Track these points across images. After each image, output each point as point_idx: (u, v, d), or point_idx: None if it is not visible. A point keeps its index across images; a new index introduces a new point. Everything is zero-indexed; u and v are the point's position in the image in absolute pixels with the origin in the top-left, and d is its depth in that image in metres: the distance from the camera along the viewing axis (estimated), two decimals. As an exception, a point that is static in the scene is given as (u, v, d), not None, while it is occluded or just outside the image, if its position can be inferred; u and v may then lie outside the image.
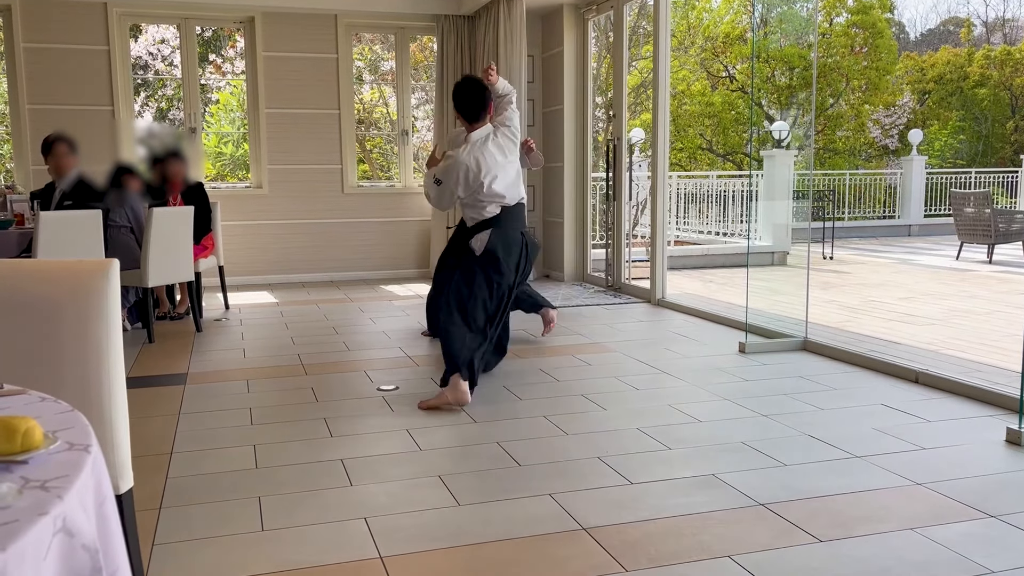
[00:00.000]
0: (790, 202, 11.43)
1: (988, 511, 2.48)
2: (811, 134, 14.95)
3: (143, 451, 3.08)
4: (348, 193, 8.02)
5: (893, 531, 2.35)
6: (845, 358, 4.49)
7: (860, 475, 2.79)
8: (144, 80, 12.49)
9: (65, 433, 1.09)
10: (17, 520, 0.84)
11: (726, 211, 12.00)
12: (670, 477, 2.79)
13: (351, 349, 4.95)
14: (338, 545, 2.29)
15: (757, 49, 16.39)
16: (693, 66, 19.28)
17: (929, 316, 6.26)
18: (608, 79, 14.55)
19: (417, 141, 8.82)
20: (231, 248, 7.39)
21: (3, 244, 5.10)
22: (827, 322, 5.73)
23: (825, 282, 8.31)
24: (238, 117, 12.19)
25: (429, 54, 11.91)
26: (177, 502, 2.62)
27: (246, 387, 4.06)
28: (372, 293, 7.20)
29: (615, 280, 7.23)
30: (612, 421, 3.45)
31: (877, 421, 3.39)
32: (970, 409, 3.55)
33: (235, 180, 12.05)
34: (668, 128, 6.53)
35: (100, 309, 1.66)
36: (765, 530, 2.37)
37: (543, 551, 2.25)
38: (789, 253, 9.93)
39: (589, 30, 7.65)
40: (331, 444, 3.18)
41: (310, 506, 2.57)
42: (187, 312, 5.98)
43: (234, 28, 9.10)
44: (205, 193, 6.03)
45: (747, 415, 3.51)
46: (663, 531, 2.37)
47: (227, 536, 2.36)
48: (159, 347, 5.04)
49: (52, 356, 1.65)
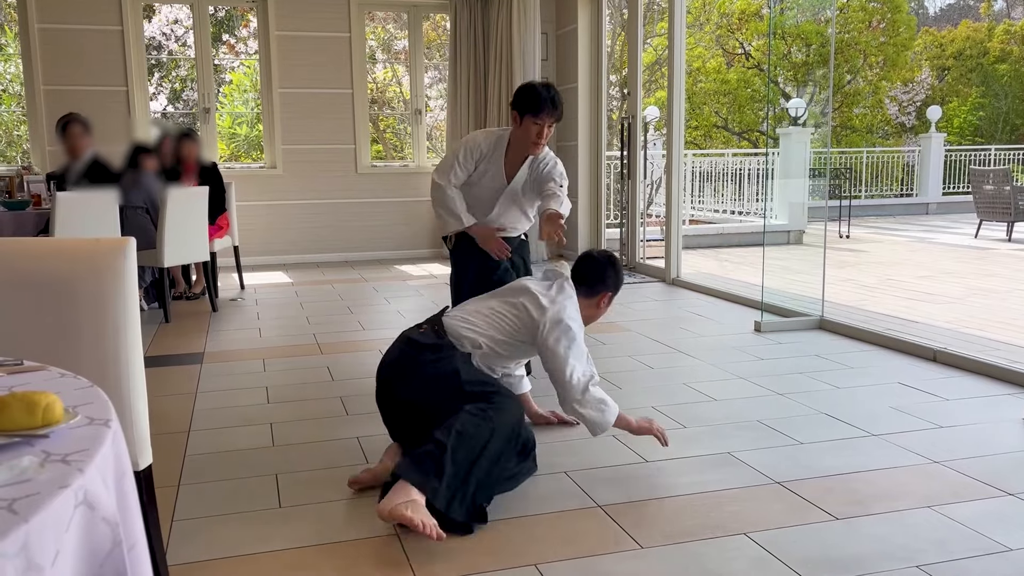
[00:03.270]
0: (806, 180, 11.33)
1: (1006, 489, 2.46)
2: (828, 111, 14.78)
3: (161, 429, 3.11)
4: (362, 173, 8.02)
5: (910, 509, 2.34)
6: (862, 336, 4.46)
7: (877, 453, 2.78)
8: (158, 61, 12.50)
9: (85, 408, 1.10)
10: (39, 492, 0.84)
11: (741, 190, 11.91)
12: (685, 455, 2.79)
13: (366, 328, 4.97)
14: (355, 522, 2.31)
15: (774, 25, 16.21)
16: (708, 43, 19.09)
17: (947, 295, 6.21)
18: (623, 57, 14.43)
19: (430, 120, 8.79)
20: (246, 228, 7.41)
21: (20, 224, 5.14)
22: (844, 301, 5.70)
23: (841, 261, 8.25)
24: (251, 98, 12.18)
25: (442, 33, 11.85)
26: (195, 479, 2.64)
27: (262, 366, 4.08)
28: (386, 273, 7.21)
29: (630, 259, 7.21)
30: (627, 400, 3.44)
31: (894, 399, 3.38)
32: (988, 388, 3.53)
33: (249, 160, 12.07)
34: (683, 106, 6.48)
35: (118, 287, 1.67)
36: (781, 508, 2.37)
37: (559, 528, 2.26)
38: (805, 232, 9.86)
39: (603, 7, 7.57)
40: (347, 422, 3.20)
41: (327, 484, 2.58)
42: (203, 292, 6.01)
43: (247, 8, 9.07)
44: (219, 173, 6.05)
45: (763, 393, 3.50)
46: (678, 508, 2.37)
47: (245, 513, 2.38)
48: (175, 327, 5.07)
49: (70, 334, 1.66)
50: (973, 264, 8.13)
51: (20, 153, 10.45)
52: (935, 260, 8.53)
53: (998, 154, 16.18)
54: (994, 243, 9.77)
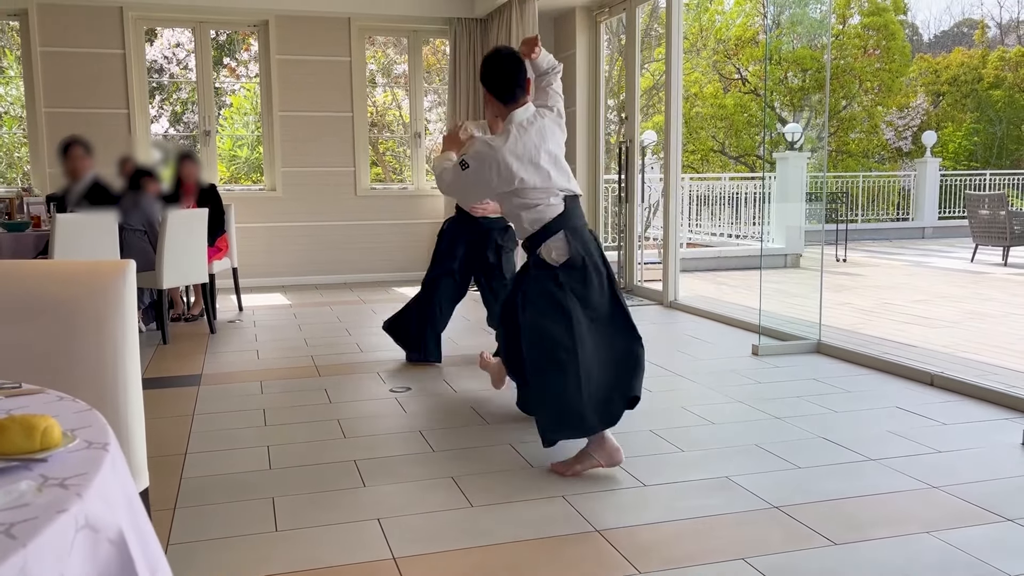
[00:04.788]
0: (803, 204, 11.37)
1: (1005, 515, 2.46)
2: (824, 136, 14.88)
3: (157, 452, 3.10)
4: (361, 196, 8.05)
5: (909, 534, 2.33)
6: (859, 360, 4.47)
7: (875, 478, 2.78)
8: (159, 83, 12.57)
9: (83, 432, 1.10)
10: (37, 517, 0.84)
11: (738, 213, 11.96)
12: (683, 479, 2.78)
13: (364, 351, 4.96)
14: (351, 546, 2.30)
15: (770, 51, 16.34)
16: (705, 68, 19.24)
17: (944, 319, 6.22)
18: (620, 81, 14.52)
19: (430, 144, 8.83)
20: (245, 250, 7.42)
21: (20, 246, 5.15)
22: (841, 324, 5.70)
23: (838, 284, 8.27)
24: (252, 120, 12.25)
25: (442, 57, 11.94)
26: (192, 502, 2.63)
27: (260, 388, 4.08)
28: (385, 295, 7.21)
29: (627, 282, 7.22)
30: (625, 423, 3.43)
31: (892, 424, 3.37)
32: (986, 412, 3.53)
33: (249, 183, 12.11)
34: (680, 130, 6.51)
35: (117, 309, 1.67)
36: (779, 533, 2.36)
37: (556, 553, 2.25)
38: (802, 255, 9.88)
39: (601, 32, 7.64)
40: (344, 445, 3.19)
41: (324, 507, 2.57)
42: (201, 314, 6.01)
43: (248, 32, 9.15)
44: (218, 194, 6.07)
45: (761, 417, 3.49)
46: (676, 533, 2.36)
47: (241, 536, 2.37)
48: (173, 348, 5.07)
49: (69, 356, 1.66)
50: (969, 288, 8.15)
51: (20, 175, 10.48)
52: (931, 284, 8.55)
53: (993, 179, 16.27)
54: (990, 267, 9.80)
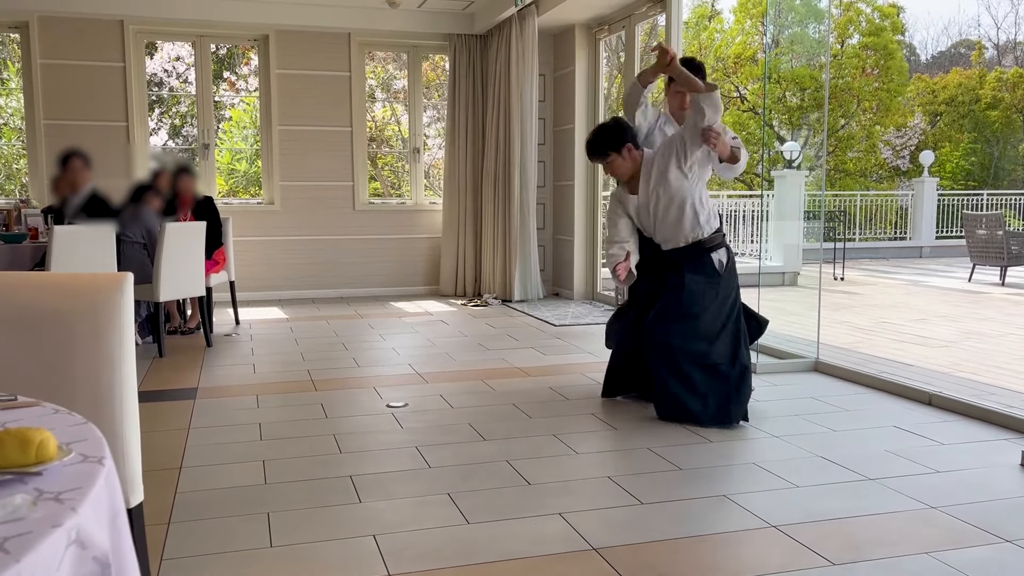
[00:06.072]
0: (801, 222, 11.40)
1: (1003, 535, 2.45)
2: (822, 155, 14.94)
3: (152, 466, 3.08)
4: (359, 210, 8.05)
5: (907, 555, 2.32)
6: (857, 379, 4.46)
7: (873, 497, 2.76)
8: (159, 97, 12.61)
9: (79, 445, 1.09)
10: (31, 532, 0.83)
11: (736, 231, 11.98)
12: (681, 498, 2.77)
13: (361, 365, 4.95)
14: (347, 562, 2.28)
15: (769, 70, 16.44)
16: (704, 86, 19.31)
17: (941, 338, 6.22)
18: (619, 98, 14.55)
19: (428, 159, 8.86)
20: (242, 264, 7.41)
21: (17, 257, 5.14)
22: (839, 343, 5.70)
23: (836, 303, 8.27)
24: (251, 134, 12.27)
25: (441, 73, 11.99)
26: (186, 517, 2.61)
27: (256, 402, 4.06)
28: (382, 310, 7.21)
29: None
30: (622, 441, 3.43)
31: (890, 443, 3.37)
32: (984, 432, 3.52)
33: (247, 196, 12.12)
34: (679, 148, 6.52)
35: (114, 322, 1.67)
36: (777, 552, 2.34)
37: (553, 571, 2.23)
38: (800, 274, 9.90)
39: (600, 50, 7.68)
40: (340, 460, 3.17)
41: (319, 523, 2.56)
42: (198, 327, 6.00)
43: (248, 46, 9.18)
44: (215, 207, 6.06)
45: (759, 436, 3.48)
46: (674, 552, 2.35)
47: (236, 552, 2.35)
48: (169, 361, 5.05)
49: (65, 368, 1.65)
50: (967, 308, 8.16)
51: (19, 186, 10.48)
52: (929, 303, 8.56)
53: (990, 199, 16.33)
54: (988, 287, 9.81)
